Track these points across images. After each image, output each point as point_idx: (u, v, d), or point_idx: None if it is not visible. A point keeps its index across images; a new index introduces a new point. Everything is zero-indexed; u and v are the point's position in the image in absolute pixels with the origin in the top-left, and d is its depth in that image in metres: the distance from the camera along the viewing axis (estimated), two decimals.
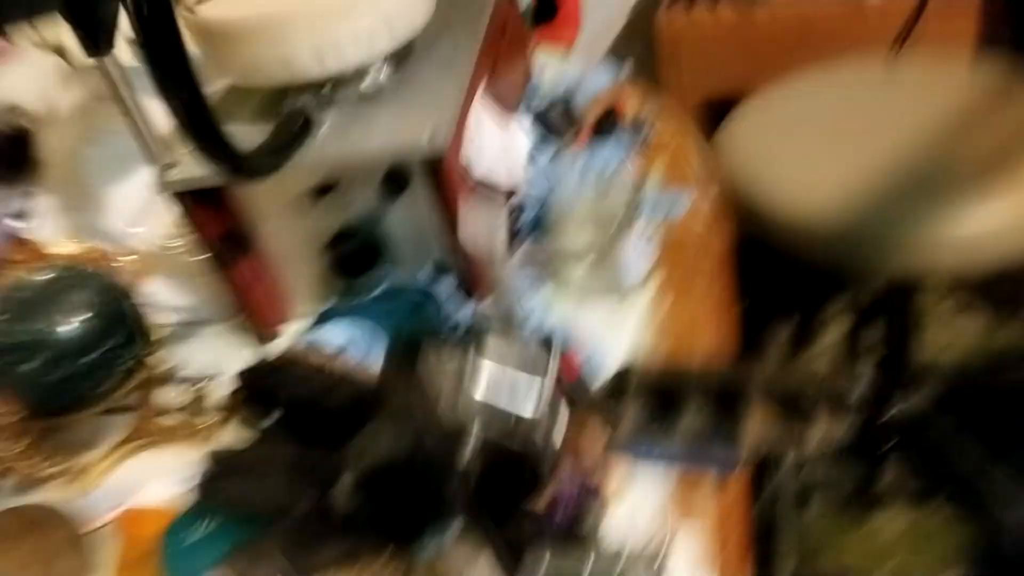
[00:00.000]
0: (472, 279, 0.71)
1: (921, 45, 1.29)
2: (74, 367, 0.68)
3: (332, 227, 0.73)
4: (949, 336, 1.45)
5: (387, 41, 0.70)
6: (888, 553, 1.22)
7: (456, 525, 0.50)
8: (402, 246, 0.73)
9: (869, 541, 1.24)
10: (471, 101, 0.71)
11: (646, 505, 0.57)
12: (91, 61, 0.60)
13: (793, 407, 1.40)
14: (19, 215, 0.84)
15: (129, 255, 0.79)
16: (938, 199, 0.93)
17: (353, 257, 0.74)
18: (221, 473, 0.60)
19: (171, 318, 0.78)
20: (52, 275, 0.72)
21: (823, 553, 1.24)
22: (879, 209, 0.95)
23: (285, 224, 0.73)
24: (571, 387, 0.61)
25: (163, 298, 0.78)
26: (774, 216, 1.01)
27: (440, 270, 0.72)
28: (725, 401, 0.59)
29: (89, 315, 0.69)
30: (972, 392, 1.36)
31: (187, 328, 0.78)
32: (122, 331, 0.70)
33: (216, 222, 0.70)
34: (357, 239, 0.72)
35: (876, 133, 1.04)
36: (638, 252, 0.71)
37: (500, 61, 0.82)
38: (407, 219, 0.71)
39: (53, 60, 0.83)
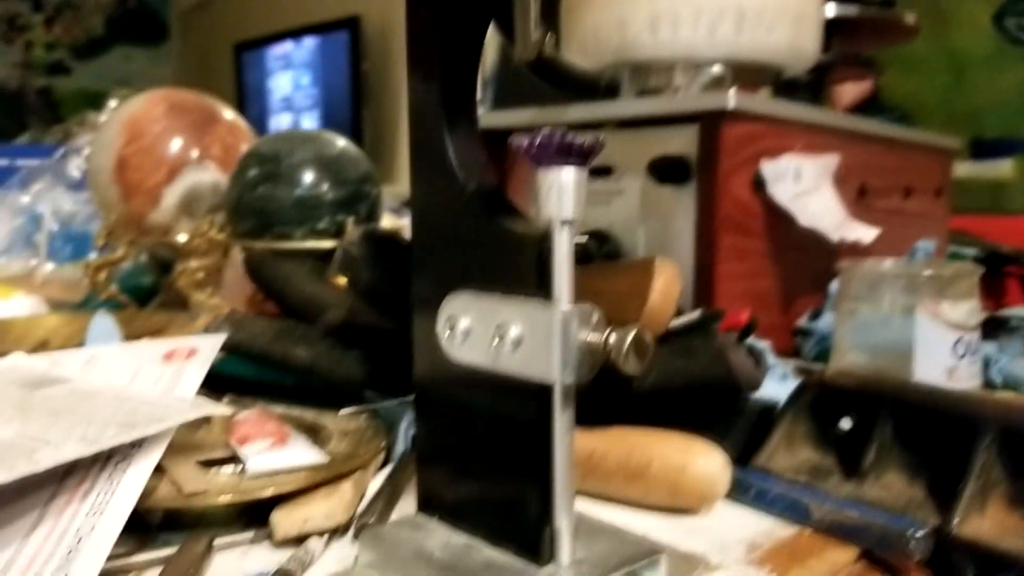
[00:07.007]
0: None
1: None
2: (284, 187, 0.72)
3: (589, 222, 0.71)
4: None
5: (730, 47, 0.68)
6: None
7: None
8: None
9: None
10: (798, 142, 0.71)
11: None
12: None
13: None
14: None
15: None
16: None
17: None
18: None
19: None
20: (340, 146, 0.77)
21: None
22: None
23: None
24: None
25: None
26: None
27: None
28: (939, 450, 0.40)
29: (330, 168, 0.73)
30: None
31: None
32: (344, 197, 0.73)
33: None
34: (604, 249, 0.69)
35: None
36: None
37: (886, 191, 0.83)
38: (658, 239, 0.68)
39: None
